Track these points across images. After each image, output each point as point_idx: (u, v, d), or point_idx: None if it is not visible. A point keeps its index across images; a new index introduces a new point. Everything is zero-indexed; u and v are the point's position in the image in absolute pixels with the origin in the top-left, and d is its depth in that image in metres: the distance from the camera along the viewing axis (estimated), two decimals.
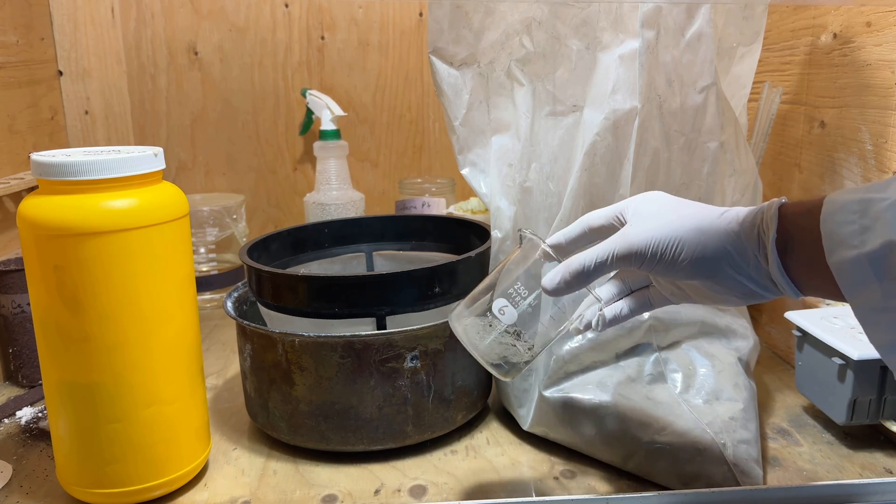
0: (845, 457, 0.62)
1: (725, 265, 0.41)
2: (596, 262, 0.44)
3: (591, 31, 0.61)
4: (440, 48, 0.67)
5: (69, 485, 0.57)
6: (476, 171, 0.69)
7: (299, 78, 1.14)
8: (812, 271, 0.39)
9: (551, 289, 0.46)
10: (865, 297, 0.35)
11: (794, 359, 0.69)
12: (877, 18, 0.68)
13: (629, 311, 0.49)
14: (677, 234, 0.42)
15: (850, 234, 0.35)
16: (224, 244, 1.05)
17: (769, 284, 0.41)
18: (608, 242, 0.44)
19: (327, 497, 0.58)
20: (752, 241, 0.41)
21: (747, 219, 0.41)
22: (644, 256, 0.43)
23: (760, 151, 0.80)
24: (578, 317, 0.50)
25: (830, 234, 0.36)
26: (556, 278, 0.45)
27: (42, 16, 1.00)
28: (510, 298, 0.48)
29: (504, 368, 0.49)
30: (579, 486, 0.58)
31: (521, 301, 0.48)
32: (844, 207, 0.36)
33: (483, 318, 0.49)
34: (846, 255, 0.35)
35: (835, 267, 0.36)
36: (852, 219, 0.35)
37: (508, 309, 0.48)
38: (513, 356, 0.49)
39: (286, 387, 0.62)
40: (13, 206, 0.84)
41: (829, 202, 0.37)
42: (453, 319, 0.50)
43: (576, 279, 0.45)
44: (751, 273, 0.41)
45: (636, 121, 0.59)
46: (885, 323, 0.35)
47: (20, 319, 0.77)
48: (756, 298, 0.43)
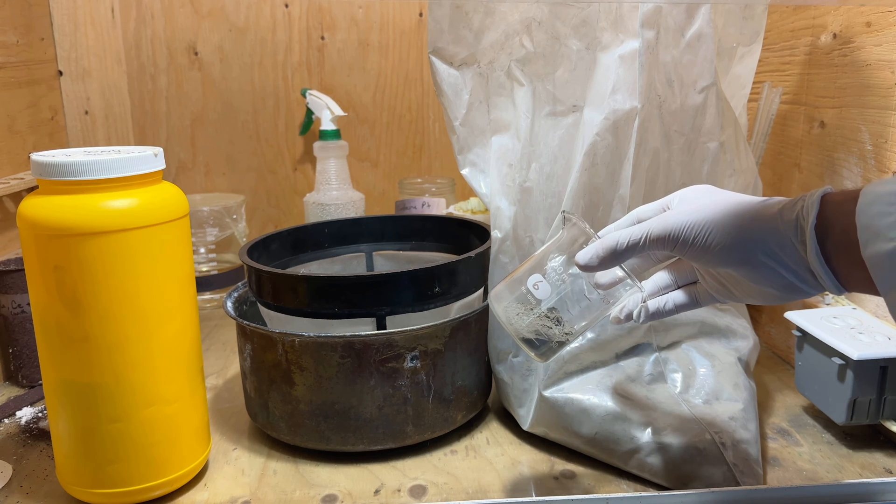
0: (845, 457, 0.62)
1: (759, 252, 0.40)
2: (630, 241, 0.44)
3: (591, 32, 0.61)
4: (440, 48, 0.67)
5: (69, 485, 0.57)
6: (476, 171, 0.69)
7: (299, 78, 1.14)
8: (852, 262, 0.37)
9: (583, 263, 0.45)
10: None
11: (794, 359, 0.69)
12: (877, 18, 0.68)
13: (674, 306, 0.48)
14: (712, 219, 0.41)
15: (886, 227, 0.34)
16: (224, 244, 1.05)
17: (807, 276, 0.40)
18: (645, 224, 0.44)
19: (327, 497, 0.58)
20: (790, 226, 0.39)
21: (788, 205, 0.40)
22: (677, 239, 0.42)
23: (760, 151, 0.80)
24: (620, 306, 0.49)
25: (866, 225, 0.35)
26: (588, 253, 0.45)
27: (42, 16, 1.00)
28: (545, 274, 0.48)
29: (538, 347, 0.48)
30: (579, 486, 0.58)
31: (555, 277, 0.48)
32: (880, 199, 0.34)
33: (519, 295, 0.48)
34: (882, 248, 0.34)
35: (869, 260, 0.35)
36: (888, 210, 0.34)
37: (543, 284, 0.48)
38: (547, 335, 0.48)
39: (286, 387, 0.62)
40: (13, 206, 0.84)
41: (866, 193, 0.35)
42: (492, 299, 0.50)
43: (609, 256, 0.44)
44: (787, 261, 0.40)
45: (636, 121, 0.59)
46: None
47: (20, 319, 0.77)
48: (795, 292, 0.41)
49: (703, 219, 0.42)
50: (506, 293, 0.49)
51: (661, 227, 0.43)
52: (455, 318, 0.63)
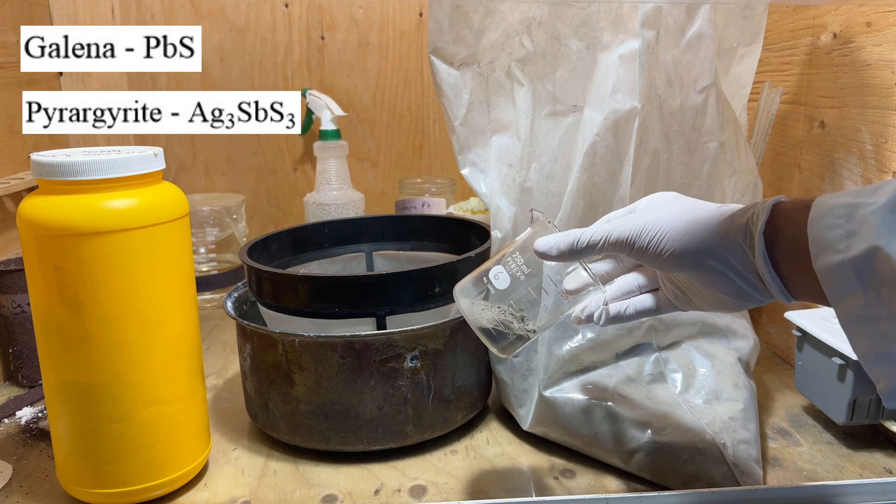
0: (845, 457, 0.62)
1: (708, 256, 0.41)
2: (590, 240, 0.45)
3: (591, 31, 0.61)
4: (440, 48, 0.67)
5: (69, 485, 0.57)
6: (476, 171, 0.69)
7: (299, 78, 1.14)
8: (800, 270, 0.38)
9: (541, 250, 0.46)
10: (849, 304, 0.34)
11: (794, 359, 0.69)
12: (877, 18, 0.68)
13: (634, 311, 0.49)
14: (666, 223, 0.43)
15: (836, 239, 0.34)
16: (224, 244, 1.05)
17: (756, 281, 0.41)
18: (608, 225, 0.45)
19: (327, 497, 0.58)
20: (740, 231, 0.40)
21: (740, 211, 0.41)
22: (633, 243, 0.43)
23: (760, 151, 0.80)
24: (582, 306, 0.49)
25: (817, 238, 0.35)
26: (549, 241, 0.46)
27: (42, 16, 1.00)
28: (506, 266, 0.49)
29: (497, 340, 0.49)
30: (579, 486, 0.58)
31: (515, 269, 0.48)
32: (831, 211, 0.35)
33: (482, 288, 0.49)
34: (831, 260, 0.34)
35: (820, 272, 0.35)
36: (838, 223, 0.34)
37: (503, 275, 0.48)
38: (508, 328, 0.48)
39: (286, 387, 0.62)
40: (13, 206, 0.84)
41: (818, 205, 0.36)
42: (457, 292, 0.50)
43: (567, 249, 0.45)
44: (736, 265, 0.41)
45: (636, 121, 0.59)
46: (866, 332, 0.34)
47: (20, 319, 0.77)
48: (747, 298, 0.42)
49: (659, 224, 0.43)
50: (469, 287, 0.50)
51: (620, 230, 0.44)
52: (455, 318, 0.63)
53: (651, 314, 0.49)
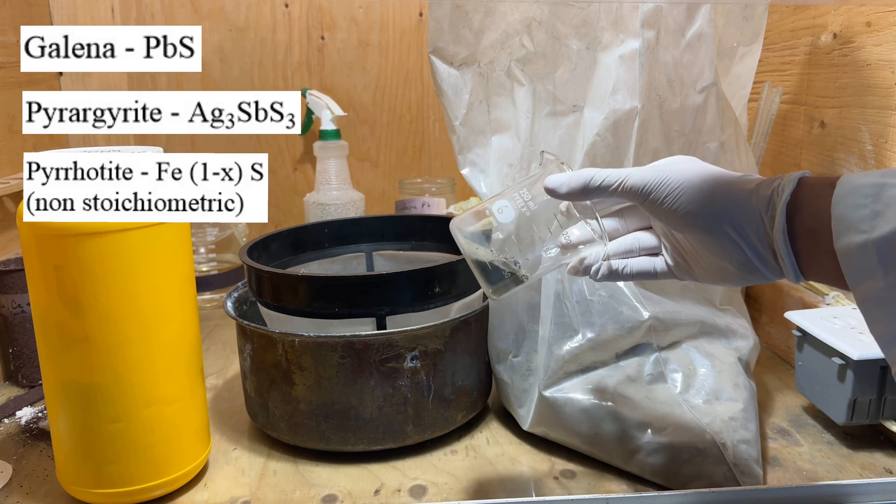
0: (845, 457, 0.62)
1: (725, 222, 0.40)
2: (603, 181, 0.43)
3: (591, 31, 0.61)
4: (440, 48, 0.67)
5: (69, 485, 0.57)
6: (476, 171, 0.69)
7: (299, 78, 1.14)
8: (816, 248, 0.37)
9: (552, 186, 0.44)
10: (868, 286, 0.34)
11: (794, 359, 0.69)
12: (877, 18, 0.68)
13: (631, 272, 0.47)
14: (688, 180, 0.41)
15: (861, 219, 0.33)
16: (224, 244, 1.05)
17: (768, 256, 0.39)
18: (624, 170, 0.43)
19: (327, 497, 0.58)
20: (763, 201, 0.39)
21: (765, 182, 0.40)
22: (649, 193, 0.42)
23: (760, 151, 0.80)
24: (580, 257, 0.48)
25: (840, 216, 0.34)
26: (561, 178, 0.44)
27: (42, 16, 1.00)
28: (512, 200, 0.47)
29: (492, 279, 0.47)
30: (579, 486, 0.58)
31: (520, 203, 0.47)
32: (858, 190, 0.34)
33: (484, 221, 0.47)
34: (854, 240, 0.34)
35: (841, 251, 0.34)
36: (864, 202, 0.34)
37: (507, 209, 0.47)
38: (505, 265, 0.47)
39: (286, 387, 0.62)
40: (13, 206, 0.84)
41: (843, 184, 0.35)
42: (454, 224, 0.48)
43: (579, 188, 0.44)
44: (751, 236, 0.39)
45: (636, 121, 0.59)
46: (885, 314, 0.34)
47: (20, 319, 0.77)
48: (752, 272, 0.41)
49: (680, 179, 0.41)
50: (470, 218, 0.48)
51: (638, 177, 0.42)
52: (455, 318, 0.63)
53: (648, 277, 0.48)
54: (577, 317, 0.62)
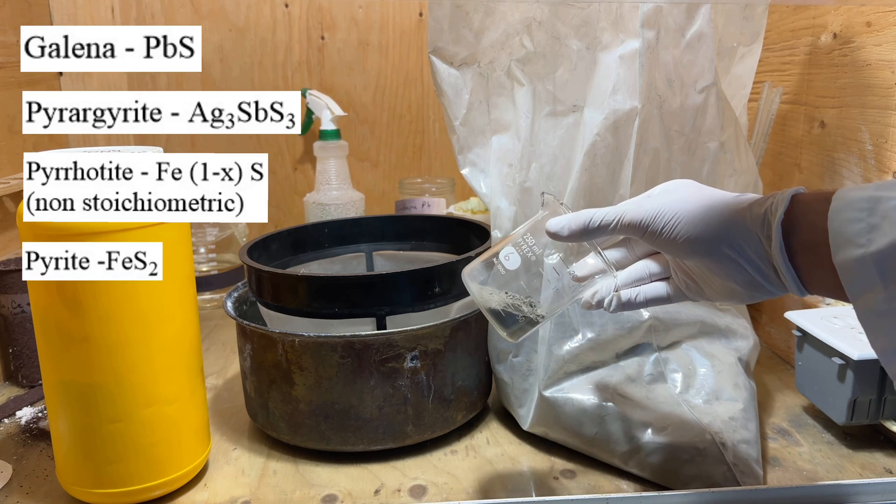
0: (845, 457, 0.62)
1: (724, 244, 0.41)
2: (602, 221, 0.44)
3: (591, 31, 0.61)
4: (440, 48, 0.67)
5: (69, 485, 0.57)
6: (476, 171, 0.69)
7: (299, 78, 1.14)
8: (816, 263, 0.37)
9: (554, 230, 0.45)
10: (868, 299, 0.34)
11: (794, 359, 0.69)
12: (877, 18, 0.68)
13: (644, 299, 0.48)
14: (683, 208, 0.42)
15: (857, 233, 0.34)
16: (224, 244, 1.04)
17: (770, 273, 0.40)
18: (621, 206, 0.44)
19: (327, 497, 0.58)
20: (758, 220, 0.39)
21: (759, 201, 0.40)
22: (647, 226, 0.43)
23: (760, 151, 0.80)
24: (592, 291, 0.49)
25: (837, 231, 0.35)
26: (561, 221, 0.45)
27: (42, 16, 1.00)
28: (517, 247, 0.48)
29: (508, 324, 0.48)
30: (579, 486, 0.58)
31: (526, 249, 0.48)
32: (852, 205, 0.35)
33: (492, 270, 0.48)
34: (852, 254, 0.34)
35: (840, 266, 0.35)
36: (860, 216, 0.34)
37: (513, 255, 0.48)
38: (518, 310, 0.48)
39: (286, 387, 0.62)
40: (13, 206, 0.84)
41: (838, 198, 0.36)
42: (465, 273, 0.50)
43: (579, 229, 0.45)
44: (751, 255, 0.40)
45: (636, 121, 0.59)
46: (886, 327, 0.34)
47: (20, 319, 0.77)
48: (759, 290, 0.42)
49: (675, 208, 0.42)
50: (479, 268, 0.49)
51: (634, 212, 0.43)
52: (455, 318, 0.63)
53: (661, 303, 0.48)
54: (577, 317, 0.62)
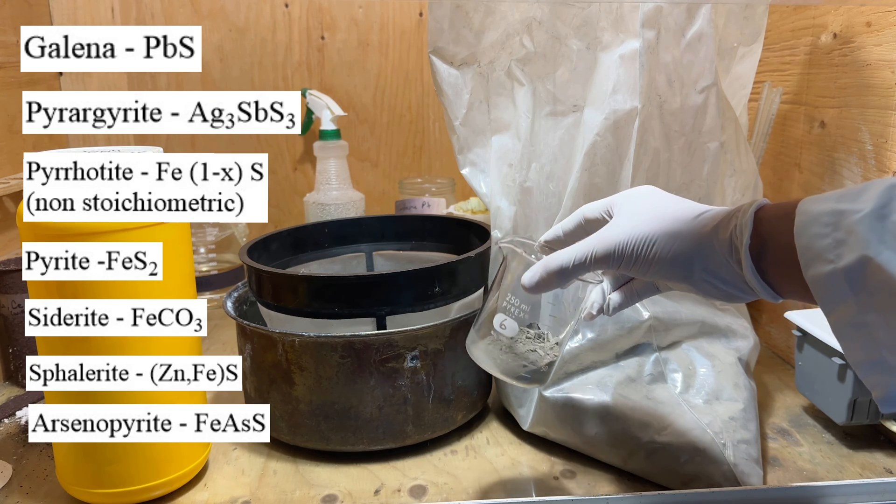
0: (845, 457, 0.62)
1: (698, 269, 0.41)
2: (574, 263, 0.44)
3: (591, 31, 0.61)
4: (440, 48, 0.67)
5: (69, 485, 0.57)
6: (476, 171, 0.69)
7: (299, 78, 1.14)
8: (788, 277, 0.37)
9: (529, 286, 0.46)
10: (842, 312, 0.34)
11: (794, 359, 0.69)
12: (877, 18, 0.68)
13: (636, 294, 0.49)
14: (652, 236, 0.42)
15: (825, 248, 0.34)
16: (224, 244, 1.04)
17: (746, 287, 0.40)
18: (588, 242, 0.44)
19: (327, 497, 0.58)
20: (725, 245, 0.40)
21: (721, 223, 0.40)
22: (621, 258, 0.43)
23: (760, 151, 0.80)
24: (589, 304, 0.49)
25: (805, 247, 0.35)
26: (535, 276, 0.45)
27: (42, 16, 1.00)
28: (507, 312, 0.49)
29: (530, 380, 0.49)
30: (579, 486, 0.58)
31: (516, 311, 0.48)
32: (817, 220, 0.35)
33: (492, 339, 0.49)
34: (822, 270, 0.34)
35: (811, 281, 0.35)
36: (825, 231, 0.34)
37: (508, 322, 0.48)
38: (534, 362, 0.49)
39: (286, 387, 0.62)
40: (13, 206, 0.84)
41: (802, 212, 0.36)
42: (469, 346, 0.51)
43: (555, 277, 0.45)
44: (725, 276, 0.40)
45: (636, 121, 0.59)
46: (860, 340, 0.34)
47: (20, 319, 0.77)
48: (738, 299, 0.42)
49: (644, 234, 0.42)
50: (479, 341, 0.50)
51: (604, 246, 0.44)
52: (455, 318, 0.63)
53: (654, 293, 0.49)
54: None
